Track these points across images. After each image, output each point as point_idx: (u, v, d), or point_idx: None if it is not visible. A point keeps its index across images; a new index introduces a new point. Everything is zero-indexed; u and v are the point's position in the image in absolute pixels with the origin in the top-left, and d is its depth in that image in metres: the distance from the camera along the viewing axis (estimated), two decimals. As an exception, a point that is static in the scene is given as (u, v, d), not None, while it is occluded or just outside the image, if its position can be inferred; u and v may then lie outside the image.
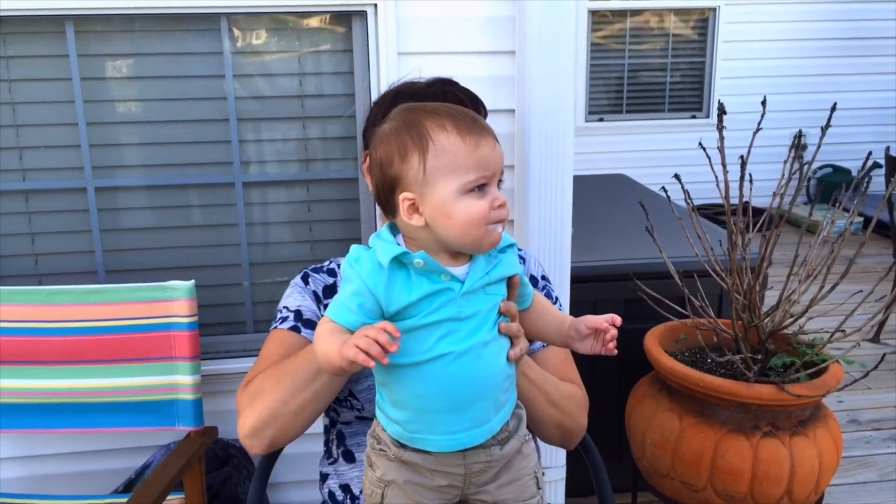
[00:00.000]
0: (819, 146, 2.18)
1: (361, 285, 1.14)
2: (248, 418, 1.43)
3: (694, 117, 5.90)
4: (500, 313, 1.24)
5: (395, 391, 1.20)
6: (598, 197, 3.90)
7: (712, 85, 5.84)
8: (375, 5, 2.05)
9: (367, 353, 1.03)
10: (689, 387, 2.25)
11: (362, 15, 2.09)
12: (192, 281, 2.00)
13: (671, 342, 2.52)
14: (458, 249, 1.19)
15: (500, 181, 1.22)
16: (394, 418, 1.23)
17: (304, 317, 1.54)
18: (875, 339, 4.26)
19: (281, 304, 1.60)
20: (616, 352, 1.29)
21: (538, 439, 1.62)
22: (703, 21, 5.84)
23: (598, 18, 5.82)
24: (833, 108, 2.20)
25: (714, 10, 5.77)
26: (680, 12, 5.85)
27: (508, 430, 1.28)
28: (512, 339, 1.27)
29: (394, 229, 1.22)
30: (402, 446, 1.24)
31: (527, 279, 1.33)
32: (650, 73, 5.90)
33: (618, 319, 1.28)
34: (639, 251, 2.82)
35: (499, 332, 1.24)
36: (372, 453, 1.31)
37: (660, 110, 5.99)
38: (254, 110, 2.19)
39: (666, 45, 5.91)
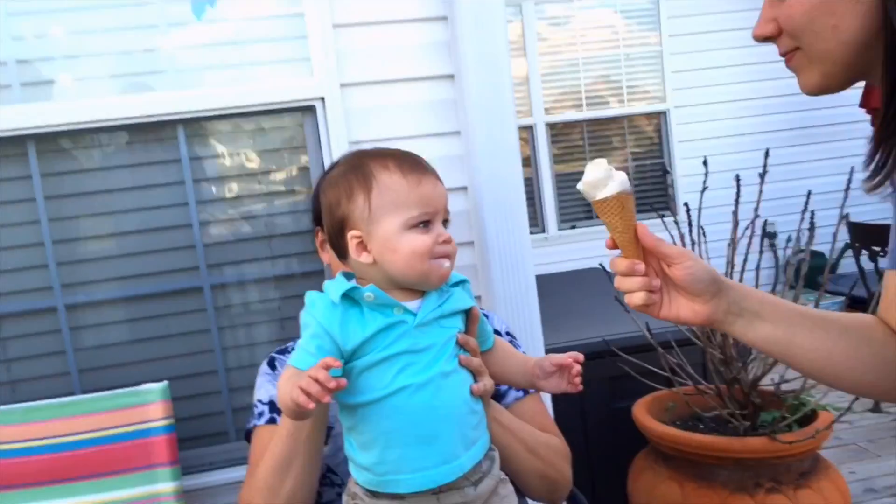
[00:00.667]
0: (799, 234, 2.25)
1: (318, 327, 1.16)
2: None
3: (662, 216, 6.02)
4: (459, 345, 1.25)
5: (363, 432, 1.19)
6: (576, 289, 3.93)
7: (675, 184, 6.02)
8: (323, 99, 2.13)
9: (307, 394, 1.02)
10: (684, 450, 2.19)
11: (312, 110, 2.17)
12: (165, 382, 1.97)
13: (660, 412, 2.48)
14: (407, 285, 1.21)
15: (445, 220, 1.25)
16: (363, 464, 1.21)
17: (278, 405, 1.52)
18: (875, 409, 4.18)
19: (255, 399, 1.61)
20: (581, 387, 1.29)
21: (527, 498, 1.57)
22: (658, 124, 6.09)
23: (557, 132, 6.06)
24: (808, 196, 2.28)
25: (664, 113, 6.04)
26: (635, 118, 6.11)
27: (482, 471, 1.25)
28: (475, 375, 1.26)
29: (348, 276, 1.24)
30: (375, 494, 1.21)
31: (484, 318, 1.34)
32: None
33: (580, 357, 1.28)
34: (618, 328, 2.82)
35: (459, 364, 1.24)
36: None
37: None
38: (214, 212, 2.23)
39: (625, 150, 6.13)
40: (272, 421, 1.52)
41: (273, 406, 1.54)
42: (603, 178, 1.03)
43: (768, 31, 0.94)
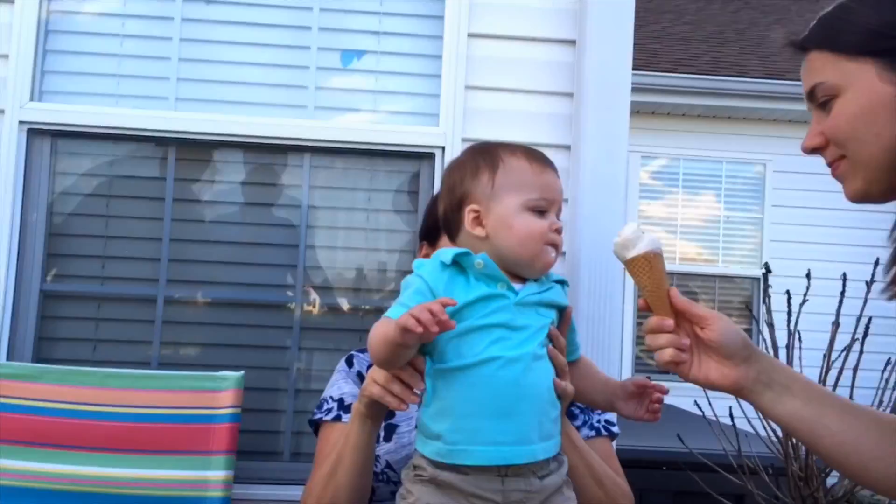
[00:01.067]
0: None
1: (422, 284, 1.20)
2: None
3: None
4: (550, 339, 1.27)
5: (445, 397, 1.20)
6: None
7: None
8: (443, 148, 2.27)
9: (418, 320, 1.06)
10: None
11: (431, 157, 2.31)
12: (242, 372, 2.01)
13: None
14: (513, 267, 1.26)
15: (558, 216, 1.31)
16: (436, 432, 1.21)
17: (346, 403, 1.56)
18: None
19: (325, 394, 1.64)
20: (659, 417, 1.29)
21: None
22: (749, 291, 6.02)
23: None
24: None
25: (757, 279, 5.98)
26: (728, 279, 6.08)
27: (550, 468, 1.24)
28: (558, 372, 1.27)
29: None
30: (440, 466, 1.20)
31: (575, 327, 1.37)
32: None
33: (664, 388, 1.29)
34: (689, 441, 2.72)
35: (547, 354, 1.25)
36: (406, 481, 1.26)
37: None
38: (321, 239, 2.35)
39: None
40: (337, 418, 1.54)
41: (341, 404, 1.56)
42: (633, 239, 1.09)
43: (816, 143, 1.02)
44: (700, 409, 2.49)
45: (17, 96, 2.18)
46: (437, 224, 1.42)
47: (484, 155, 1.30)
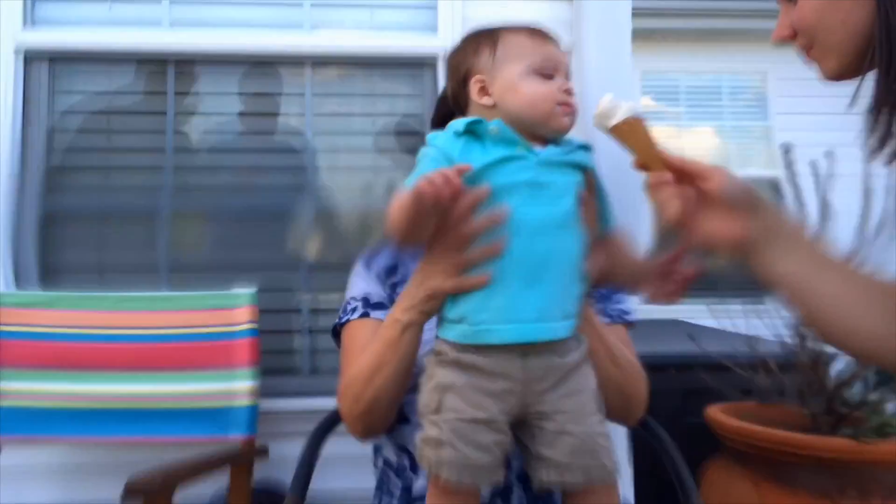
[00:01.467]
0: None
1: (437, 152, 1.17)
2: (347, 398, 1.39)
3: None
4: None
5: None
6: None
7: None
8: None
9: (431, 183, 1.05)
10: (761, 447, 2.11)
11: (431, 65, 2.31)
12: (254, 288, 2.04)
13: (735, 419, 2.39)
14: (527, 127, 1.23)
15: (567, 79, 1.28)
16: (460, 314, 1.21)
17: (373, 301, 1.52)
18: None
19: (347, 296, 1.57)
20: (679, 298, 1.27)
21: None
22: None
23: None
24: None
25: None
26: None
27: (569, 346, 1.24)
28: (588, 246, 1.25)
29: None
30: (463, 348, 1.21)
31: (606, 192, 1.33)
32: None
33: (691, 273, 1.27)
34: (692, 344, 2.76)
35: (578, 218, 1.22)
36: (429, 365, 1.27)
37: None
38: (327, 143, 2.35)
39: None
40: (366, 315, 1.50)
41: (367, 301, 1.52)
42: (611, 108, 1.09)
43: (785, 34, 1.04)
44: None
45: (11, 23, 2.15)
46: (449, 110, 1.41)
47: (483, 34, 1.29)
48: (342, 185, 2.35)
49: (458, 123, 1.21)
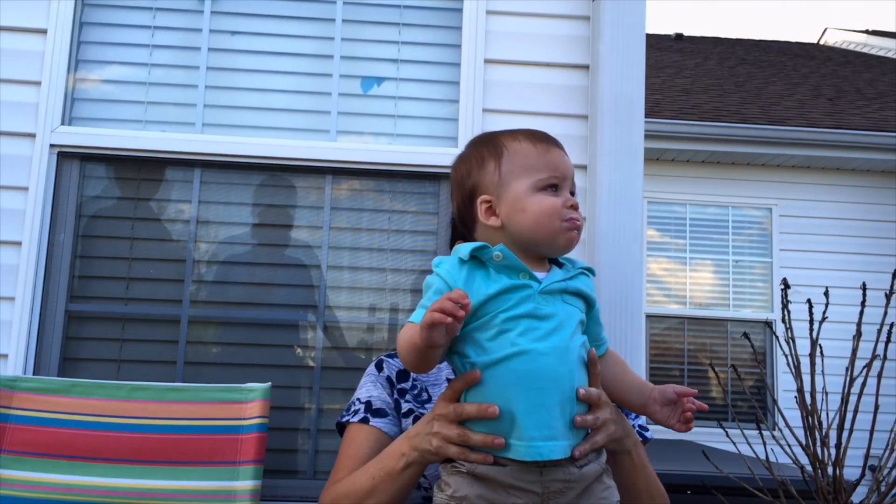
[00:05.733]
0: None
1: (441, 284, 1.21)
2: None
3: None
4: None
5: (477, 394, 1.21)
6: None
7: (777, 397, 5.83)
8: (467, 169, 2.32)
9: (441, 310, 1.08)
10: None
11: (449, 177, 2.34)
12: (269, 383, 2.03)
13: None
14: (534, 248, 1.26)
15: (572, 193, 1.32)
16: (472, 428, 1.21)
17: (374, 406, 1.56)
18: None
19: (354, 397, 1.63)
20: (692, 427, 1.29)
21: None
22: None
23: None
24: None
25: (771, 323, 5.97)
26: (738, 322, 6.07)
27: (588, 458, 1.23)
28: (589, 370, 1.26)
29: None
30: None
31: (600, 321, 1.36)
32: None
33: (701, 406, 1.28)
34: (707, 464, 2.70)
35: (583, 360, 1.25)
36: (444, 473, 1.26)
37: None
38: (343, 259, 2.38)
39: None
40: (365, 421, 1.53)
41: (368, 406, 1.55)
42: None
43: None
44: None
45: (49, 121, 2.24)
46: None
47: (486, 144, 1.31)
48: (354, 301, 2.38)
49: (463, 250, 1.23)
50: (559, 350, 1.20)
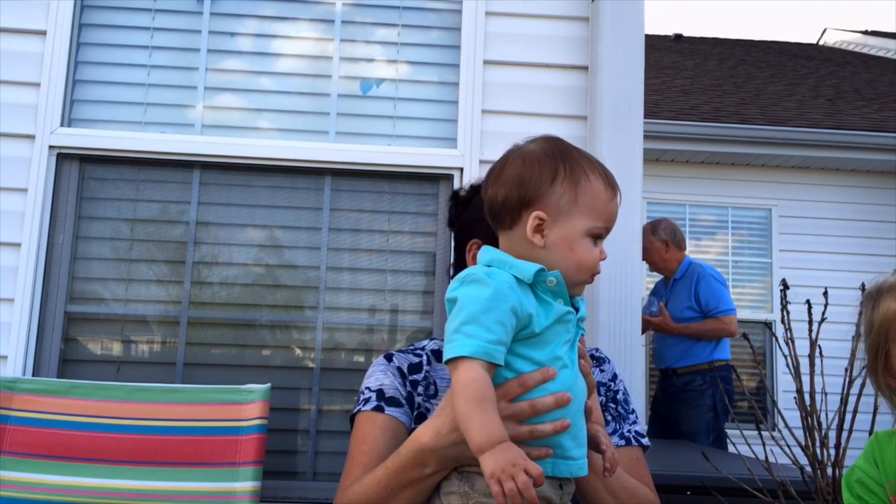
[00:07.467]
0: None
1: (506, 305, 1.16)
2: None
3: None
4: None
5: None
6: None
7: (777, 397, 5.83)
8: (461, 169, 2.32)
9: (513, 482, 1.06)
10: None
11: (450, 178, 2.36)
12: (269, 384, 2.02)
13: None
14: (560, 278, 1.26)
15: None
16: None
17: (387, 395, 1.52)
18: None
19: (363, 386, 1.57)
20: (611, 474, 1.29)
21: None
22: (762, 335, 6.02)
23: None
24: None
25: (770, 323, 5.96)
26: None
27: (573, 487, 1.29)
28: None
29: (494, 252, 1.27)
30: None
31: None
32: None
33: (614, 468, 1.28)
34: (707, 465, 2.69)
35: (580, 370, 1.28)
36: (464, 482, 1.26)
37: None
38: (342, 260, 2.38)
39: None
40: (378, 409, 1.49)
41: (380, 394, 1.51)
42: None
43: None
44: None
45: (48, 122, 2.24)
46: (472, 217, 1.44)
47: (565, 162, 1.25)
48: (354, 302, 2.38)
49: (523, 271, 1.20)
50: (576, 372, 1.25)
